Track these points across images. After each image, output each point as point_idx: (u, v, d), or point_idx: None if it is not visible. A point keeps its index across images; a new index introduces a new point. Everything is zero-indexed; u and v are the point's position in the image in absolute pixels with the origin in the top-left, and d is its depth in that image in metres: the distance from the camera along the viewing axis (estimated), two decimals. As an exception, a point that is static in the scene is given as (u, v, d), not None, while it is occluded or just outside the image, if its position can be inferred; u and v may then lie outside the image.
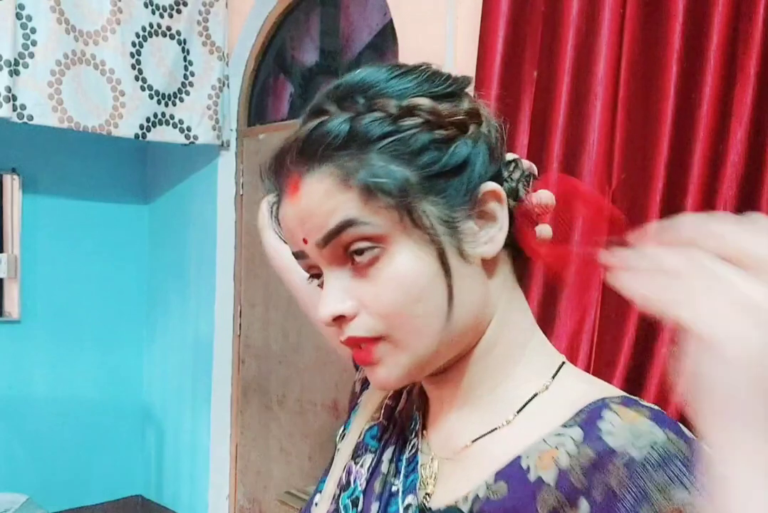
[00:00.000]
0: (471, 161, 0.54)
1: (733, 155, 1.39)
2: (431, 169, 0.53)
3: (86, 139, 2.91)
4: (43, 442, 3.17)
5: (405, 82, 0.55)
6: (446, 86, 0.56)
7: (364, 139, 0.52)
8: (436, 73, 0.57)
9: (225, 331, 3.06)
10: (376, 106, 0.53)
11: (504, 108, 0.60)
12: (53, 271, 3.17)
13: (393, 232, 0.52)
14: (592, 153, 1.59)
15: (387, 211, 0.52)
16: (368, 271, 0.53)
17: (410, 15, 2.19)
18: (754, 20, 1.36)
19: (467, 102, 0.56)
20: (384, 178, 0.52)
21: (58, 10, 2.44)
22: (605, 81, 1.57)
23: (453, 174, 0.54)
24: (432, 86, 0.55)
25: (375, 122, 0.53)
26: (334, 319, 0.55)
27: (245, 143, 3.01)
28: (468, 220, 0.54)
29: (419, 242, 0.53)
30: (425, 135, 0.53)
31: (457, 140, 0.54)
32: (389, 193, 0.52)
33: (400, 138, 0.52)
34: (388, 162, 0.52)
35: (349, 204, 0.52)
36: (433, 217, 0.53)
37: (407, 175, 0.52)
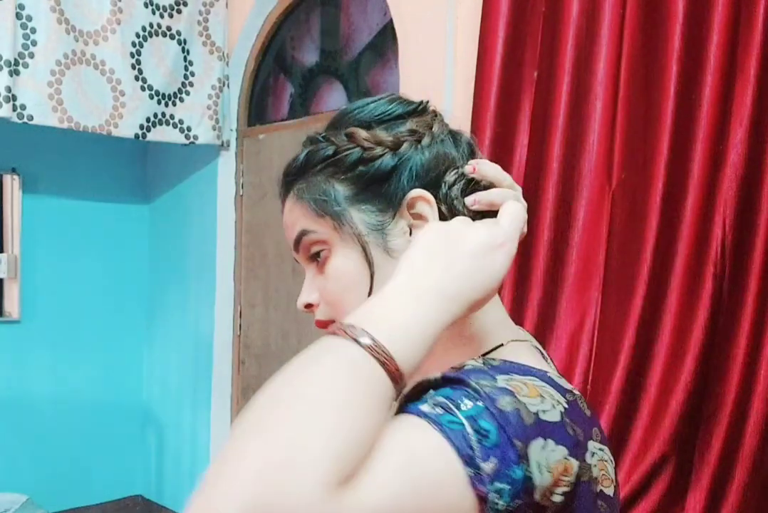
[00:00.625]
0: (398, 172, 0.65)
1: (733, 155, 1.39)
2: (359, 182, 0.65)
3: (86, 139, 2.91)
4: (43, 442, 3.17)
5: (366, 111, 0.68)
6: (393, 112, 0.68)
7: (311, 164, 0.67)
8: (394, 100, 0.69)
9: (225, 331, 3.06)
10: (328, 137, 0.67)
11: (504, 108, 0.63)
12: (53, 271, 3.17)
13: (332, 237, 0.65)
14: (592, 153, 1.59)
15: (324, 221, 0.66)
16: (323, 268, 0.67)
17: (410, 15, 2.19)
18: (753, 20, 1.36)
19: (411, 123, 0.67)
20: (321, 195, 0.66)
21: (58, 10, 2.44)
22: (605, 81, 1.57)
23: (380, 184, 0.65)
24: (383, 113, 0.68)
25: (321, 150, 0.67)
26: (306, 307, 0.69)
27: (245, 143, 3.01)
28: (399, 220, 0.65)
29: (350, 243, 0.65)
30: (355, 155, 0.65)
31: (383, 157, 0.65)
32: (322, 208, 0.66)
33: (335, 160, 0.66)
34: (326, 181, 0.66)
35: (302, 218, 0.67)
36: (360, 222, 0.65)
37: (339, 190, 0.66)
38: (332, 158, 0.66)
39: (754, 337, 1.36)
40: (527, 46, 1.73)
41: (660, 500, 1.47)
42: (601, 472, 0.56)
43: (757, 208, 1.37)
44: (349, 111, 0.69)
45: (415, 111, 0.69)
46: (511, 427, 0.50)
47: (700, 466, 1.43)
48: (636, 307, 1.49)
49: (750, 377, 1.36)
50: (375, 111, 0.68)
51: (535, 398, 0.53)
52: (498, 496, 0.48)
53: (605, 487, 0.56)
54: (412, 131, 0.66)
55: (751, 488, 1.36)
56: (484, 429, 0.49)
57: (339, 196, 0.66)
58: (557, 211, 1.63)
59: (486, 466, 0.48)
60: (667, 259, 1.47)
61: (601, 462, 0.56)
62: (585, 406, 0.58)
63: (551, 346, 1.62)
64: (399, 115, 0.68)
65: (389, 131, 0.66)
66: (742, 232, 1.39)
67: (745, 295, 1.37)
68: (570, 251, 1.62)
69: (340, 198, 0.66)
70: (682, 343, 1.45)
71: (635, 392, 1.51)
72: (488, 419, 0.50)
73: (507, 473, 0.49)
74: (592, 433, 0.56)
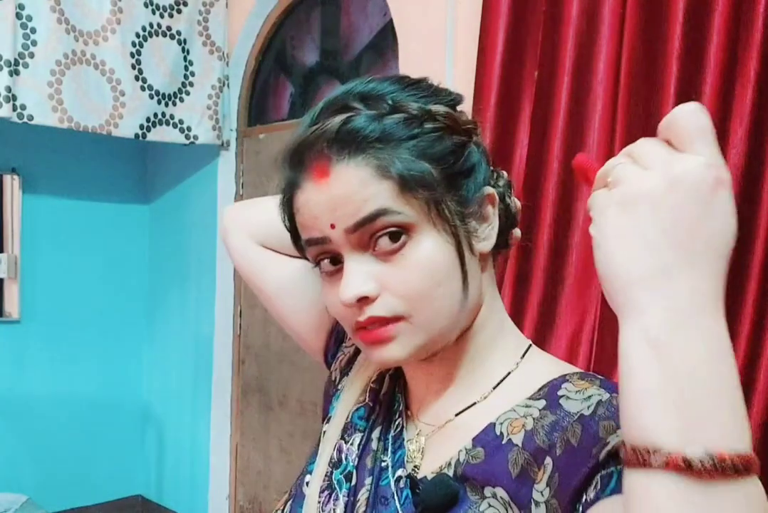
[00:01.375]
0: (478, 166, 0.61)
1: (733, 155, 1.39)
2: (452, 170, 0.59)
3: (86, 139, 2.91)
4: (43, 442, 3.17)
5: (418, 91, 0.61)
6: (450, 99, 0.62)
7: (395, 136, 0.57)
8: (439, 87, 0.63)
9: (225, 331, 3.06)
10: (401, 109, 0.58)
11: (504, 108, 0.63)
12: (53, 271, 3.17)
13: (420, 222, 0.57)
14: (592, 153, 1.59)
15: (418, 203, 0.57)
16: (393, 256, 0.58)
17: (410, 15, 2.19)
18: (754, 20, 1.36)
19: (464, 114, 0.63)
20: (417, 172, 0.57)
21: (58, 10, 2.44)
22: (605, 81, 1.57)
23: (466, 176, 0.60)
24: (439, 98, 0.61)
25: (402, 123, 0.58)
26: (357, 300, 0.58)
27: (245, 143, 3.01)
28: (472, 218, 0.61)
29: (442, 233, 0.58)
30: (447, 139, 0.59)
31: (468, 146, 0.60)
32: (423, 186, 0.57)
33: (425, 139, 0.58)
34: (417, 159, 0.57)
35: (384, 194, 0.57)
36: (453, 211, 0.59)
37: (433, 172, 0.58)
38: (423, 136, 0.58)
39: (754, 337, 1.36)
40: (527, 46, 1.73)
41: (660, 500, 1.47)
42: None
43: (757, 208, 1.37)
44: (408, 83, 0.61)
45: (459, 103, 0.64)
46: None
47: (700, 466, 1.43)
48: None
49: (750, 377, 1.36)
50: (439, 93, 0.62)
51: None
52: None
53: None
54: (475, 123, 0.62)
55: (751, 488, 1.36)
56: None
57: (435, 178, 0.58)
58: (557, 211, 1.63)
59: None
60: (667, 259, 1.47)
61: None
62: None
63: (551, 346, 1.62)
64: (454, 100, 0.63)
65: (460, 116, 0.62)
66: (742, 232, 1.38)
67: (745, 295, 1.37)
68: (570, 251, 1.62)
69: (438, 180, 0.58)
70: (682, 343, 1.45)
71: (635, 392, 1.51)
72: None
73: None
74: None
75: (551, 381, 0.61)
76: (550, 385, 0.60)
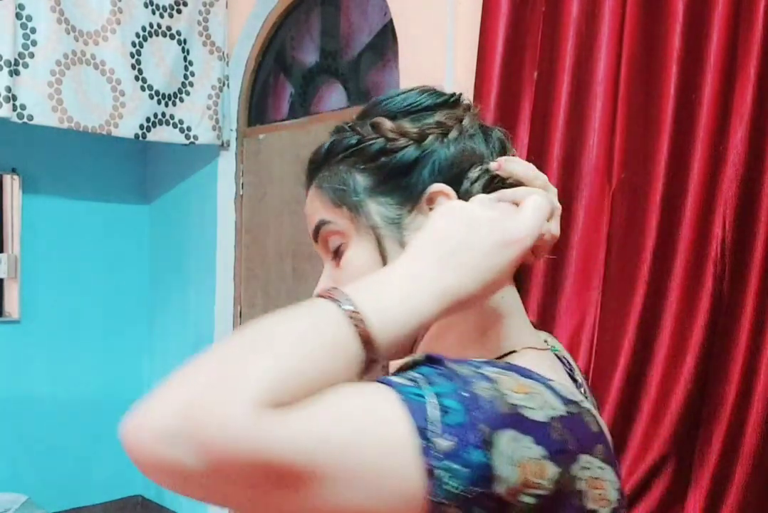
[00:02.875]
0: (420, 165, 0.63)
1: (733, 155, 1.39)
2: (380, 173, 0.64)
3: (86, 139, 2.91)
4: (43, 442, 3.17)
5: (395, 101, 0.66)
6: (422, 103, 0.66)
7: (335, 153, 0.65)
8: (425, 91, 0.67)
9: (225, 331, 3.06)
10: (354, 126, 0.66)
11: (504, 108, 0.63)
12: (53, 271, 3.17)
13: (349, 229, 0.64)
14: (592, 153, 1.59)
15: (341, 211, 0.64)
16: (338, 260, 0.65)
17: (410, 15, 2.19)
18: (753, 20, 1.36)
19: (440, 115, 0.65)
20: (340, 185, 0.64)
21: (58, 10, 2.44)
22: (605, 81, 1.57)
23: (401, 176, 0.63)
24: (412, 104, 0.66)
25: (345, 139, 0.65)
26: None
27: (245, 143, 3.01)
28: (418, 215, 0.63)
29: (365, 235, 0.64)
30: (377, 145, 0.63)
31: (408, 148, 0.63)
32: (340, 198, 0.64)
33: (358, 149, 0.64)
34: (347, 171, 0.64)
35: (321, 208, 0.65)
36: (377, 214, 0.64)
37: (359, 181, 0.64)
38: (355, 147, 0.64)
39: (754, 337, 1.36)
40: (527, 46, 1.73)
41: (660, 500, 1.47)
42: (594, 490, 0.52)
43: (757, 208, 1.37)
44: (379, 101, 0.67)
45: (446, 103, 0.66)
46: (480, 412, 0.48)
47: (700, 466, 1.43)
48: (636, 307, 1.49)
49: (750, 377, 1.36)
50: (404, 102, 0.66)
51: (520, 394, 0.51)
52: (450, 475, 0.46)
53: (600, 507, 0.52)
54: (440, 123, 0.64)
55: (751, 488, 1.36)
56: (447, 407, 0.48)
57: (358, 186, 0.64)
58: (557, 211, 1.63)
59: (440, 442, 0.46)
60: (667, 259, 1.47)
61: (594, 480, 0.52)
62: (594, 422, 0.55)
63: (551, 346, 1.62)
64: (428, 107, 0.66)
65: (416, 123, 0.64)
66: (742, 232, 1.39)
67: (745, 295, 1.37)
68: (570, 251, 1.62)
69: (360, 188, 0.64)
70: (682, 343, 1.45)
71: (635, 392, 1.51)
72: (455, 399, 0.48)
73: (463, 455, 0.47)
74: (594, 448, 0.53)
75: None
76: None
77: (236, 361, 0.47)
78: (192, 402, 0.44)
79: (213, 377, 0.46)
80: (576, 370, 0.71)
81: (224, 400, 0.44)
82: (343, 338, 0.49)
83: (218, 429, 0.43)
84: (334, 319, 0.49)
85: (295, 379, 0.46)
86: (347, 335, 0.49)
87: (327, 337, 0.48)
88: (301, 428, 0.45)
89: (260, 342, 0.48)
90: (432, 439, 0.46)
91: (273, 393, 0.44)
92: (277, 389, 0.45)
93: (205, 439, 0.43)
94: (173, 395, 0.46)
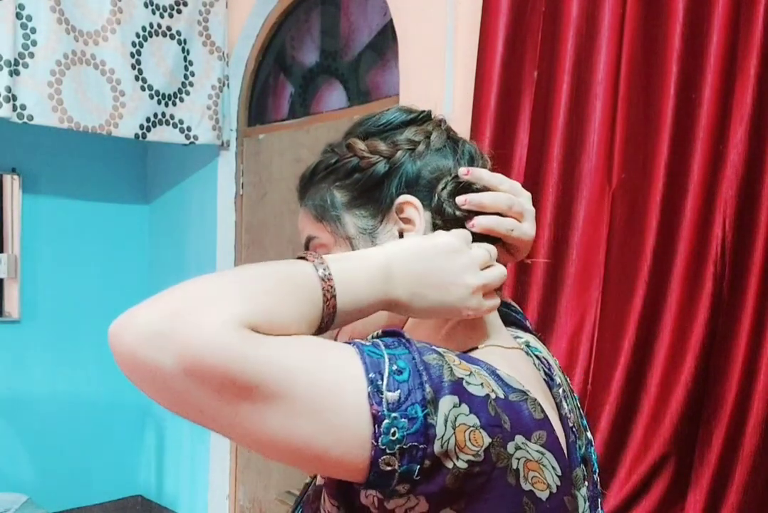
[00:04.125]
0: (389, 179, 0.69)
1: (733, 155, 1.39)
2: (355, 188, 0.70)
3: (86, 139, 2.91)
4: (43, 442, 3.17)
5: (370, 122, 0.72)
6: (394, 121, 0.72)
7: (317, 172, 0.72)
8: (398, 110, 0.72)
9: (225, 331, 3.06)
10: (334, 147, 0.72)
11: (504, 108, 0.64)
12: (53, 271, 3.17)
13: (330, 241, 0.70)
14: (592, 153, 1.59)
15: (323, 226, 0.71)
16: None
17: (410, 15, 2.19)
18: (754, 20, 1.36)
19: (410, 132, 0.70)
20: (320, 201, 0.71)
21: (58, 10, 2.44)
22: (605, 81, 1.57)
23: (373, 190, 0.70)
24: (385, 123, 0.71)
25: (326, 159, 0.71)
26: None
27: (245, 143, 3.01)
28: (388, 224, 0.69)
29: (343, 247, 0.70)
30: (352, 163, 0.69)
31: (378, 164, 0.69)
32: (321, 213, 0.71)
33: (335, 168, 0.70)
34: (327, 188, 0.71)
35: (308, 224, 0.72)
36: (353, 226, 0.70)
37: (336, 197, 0.70)
38: (333, 166, 0.71)
39: (754, 337, 1.36)
40: (527, 46, 1.73)
41: (660, 500, 1.47)
42: (529, 471, 0.56)
43: (757, 208, 1.37)
44: (359, 122, 0.73)
45: (416, 119, 0.72)
46: (428, 375, 0.53)
47: (700, 466, 1.43)
48: (636, 307, 1.49)
49: (750, 377, 1.36)
50: (378, 121, 0.72)
51: (464, 370, 0.55)
52: (393, 425, 0.51)
53: (538, 489, 0.56)
54: (409, 140, 0.70)
55: (751, 488, 1.36)
56: (400, 366, 0.53)
57: (336, 201, 0.70)
58: (557, 211, 1.63)
59: (389, 395, 0.51)
60: (667, 259, 1.47)
61: (529, 461, 0.56)
62: (538, 410, 0.58)
63: (551, 346, 1.62)
64: (399, 124, 0.71)
65: (387, 140, 0.70)
66: (742, 232, 1.39)
67: (745, 295, 1.37)
68: (570, 251, 1.62)
69: (337, 204, 0.70)
70: (682, 343, 1.45)
71: (635, 392, 1.51)
72: (408, 362, 0.53)
73: (407, 410, 0.51)
74: (531, 434, 0.56)
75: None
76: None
77: (225, 286, 0.53)
78: (178, 310, 0.50)
79: (201, 295, 0.52)
80: (556, 371, 0.75)
81: (209, 312, 0.50)
82: (316, 298, 0.56)
83: (199, 336, 0.49)
84: (311, 280, 0.56)
85: (273, 315, 0.52)
86: (318, 296, 0.56)
87: (304, 293, 0.56)
88: (271, 352, 0.50)
89: (249, 278, 0.54)
90: (382, 389, 0.51)
91: (253, 317, 0.50)
92: (257, 316, 0.51)
93: (186, 343, 0.48)
94: (160, 304, 0.51)
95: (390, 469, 0.51)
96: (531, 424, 0.57)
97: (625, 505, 1.48)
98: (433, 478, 0.51)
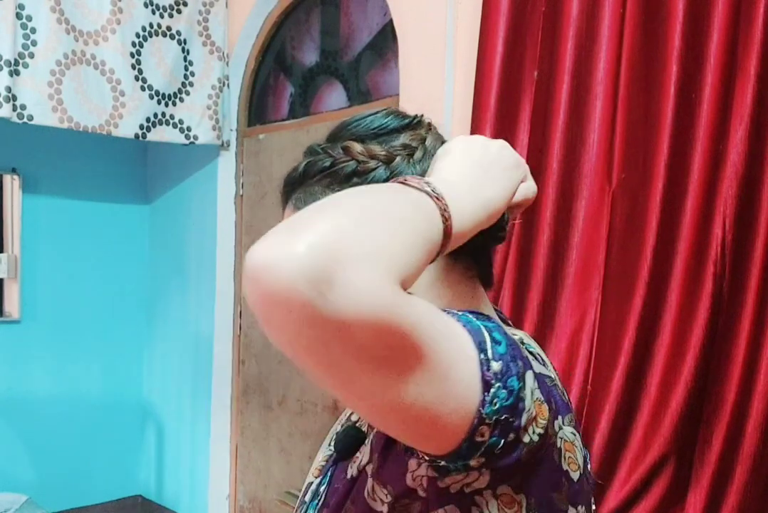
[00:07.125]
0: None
1: (733, 155, 1.39)
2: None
3: (86, 139, 2.91)
4: (43, 442, 3.17)
5: (362, 125, 0.70)
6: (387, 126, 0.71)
7: (309, 175, 0.69)
8: (390, 114, 0.71)
9: (225, 331, 3.06)
10: (327, 149, 0.70)
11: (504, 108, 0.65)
12: (53, 271, 3.17)
13: None
14: (592, 153, 1.59)
15: None
16: None
17: (410, 15, 2.19)
18: (754, 20, 1.36)
19: (405, 137, 0.70)
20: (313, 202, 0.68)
21: (58, 10, 2.44)
22: (605, 81, 1.57)
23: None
24: (378, 127, 0.70)
25: (319, 162, 0.68)
26: None
27: (245, 143, 3.01)
28: None
29: None
30: (350, 167, 0.67)
31: (377, 170, 0.67)
32: None
33: (331, 171, 0.67)
34: (322, 192, 0.68)
35: None
36: None
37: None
38: (329, 170, 0.68)
39: (754, 337, 1.36)
40: (527, 46, 1.73)
41: (660, 500, 1.47)
42: (567, 452, 0.57)
43: (757, 208, 1.37)
44: (347, 124, 0.71)
45: (410, 125, 0.71)
46: (516, 349, 0.53)
47: (700, 466, 1.43)
48: (636, 307, 1.49)
49: (750, 377, 1.36)
50: (371, 125, 0.70)
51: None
52: (496, 398, 0.50)
53: (572, 470, 0.57)
54: (405, 145, 0.69)
55: (751, 488, 1.36)
56: (495, 338, 0.52)
57: None
58: (557, 211, 1.63)
59: (494, 364, 0.51)
60: (667, 259, 1.47)
61: (567, 443, 0.57)
62: (564, 394, 0.61)
63: (551, 346, 1.62)
64: (393, 129, 0.70)
65: (383, 145, 0.69)
66: (742, 232, 1.39)
67: (745, 295, 1.37)
68: (570, 251, 1.62)
69: None
70: (682, 343, 1.45)
71: (635, 392, 1.51)
72: (501, 334, 0.53)
73: (507, 381, 0.51)
74: (565, 415, 0.58)
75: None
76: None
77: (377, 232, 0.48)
78: (337, 256, 0.44)
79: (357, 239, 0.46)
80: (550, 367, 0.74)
81: (368, 259, 0.45)
82: (436, 234, 0.53)
83: (361, 283, 0.44)
84: (425, 203, 0.54)
85: (412, 268, 0.49)
86: (435, 221, 0.53)
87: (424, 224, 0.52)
88: (419, 311, 0.48)
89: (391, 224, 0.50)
90: (489, 357, 0.51)
91: (400, 273, 0.47)
92: (403, 271, 0.48)
93: (348, 287, 0.44)
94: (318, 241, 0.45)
95: (481, 440, 0.50)
96: (563, 406, 0.58)
97: (625, 505, 1.48)
98: (512, 453, 0.52)
